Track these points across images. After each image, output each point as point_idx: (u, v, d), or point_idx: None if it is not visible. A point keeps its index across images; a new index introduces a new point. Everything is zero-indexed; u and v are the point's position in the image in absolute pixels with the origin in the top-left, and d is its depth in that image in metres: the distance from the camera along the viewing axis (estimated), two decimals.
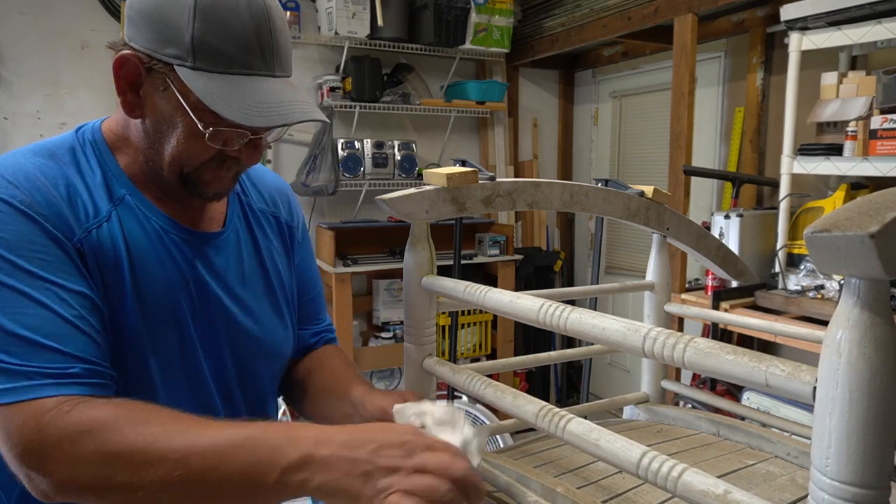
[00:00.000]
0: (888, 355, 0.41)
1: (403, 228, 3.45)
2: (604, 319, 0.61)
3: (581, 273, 4.29)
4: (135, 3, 0.79)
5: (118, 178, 0.84)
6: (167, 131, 0.81)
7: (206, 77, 0.77)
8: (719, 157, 3.18)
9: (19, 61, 2.94)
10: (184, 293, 0.86)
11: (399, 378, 3.50)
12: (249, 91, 0.78)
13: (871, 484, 0.42)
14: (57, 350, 0.70)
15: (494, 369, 1.05)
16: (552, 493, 0.77)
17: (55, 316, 0.71)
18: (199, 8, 0.75)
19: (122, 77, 0.80)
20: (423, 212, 0.88)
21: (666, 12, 2.78)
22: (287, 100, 0.80)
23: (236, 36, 0.77)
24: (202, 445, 0.65)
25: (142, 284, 0.81)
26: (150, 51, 0.78)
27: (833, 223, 0.41)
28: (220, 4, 0.76)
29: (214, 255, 0.91)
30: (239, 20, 0.77)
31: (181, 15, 0.75)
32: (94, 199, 0.81)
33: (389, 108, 3.43)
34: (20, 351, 0.69)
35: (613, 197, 1.06)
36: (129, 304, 0.80)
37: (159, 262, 0.84)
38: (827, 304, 2.13)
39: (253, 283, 0.95)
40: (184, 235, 0.87)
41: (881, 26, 1.99)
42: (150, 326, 0.82)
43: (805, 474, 0.92)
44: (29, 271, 0.72)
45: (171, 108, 0.80)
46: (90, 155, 0.84)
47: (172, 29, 0.76)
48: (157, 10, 0.77)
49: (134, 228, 0.82)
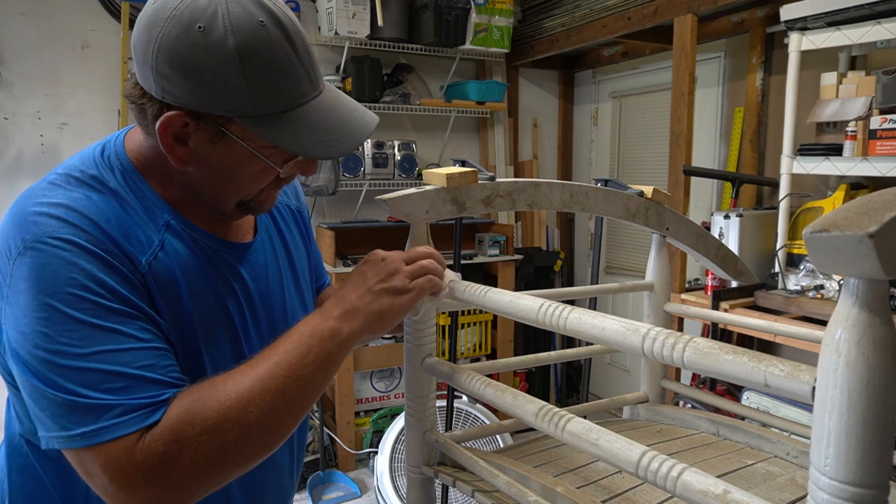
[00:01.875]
0: (887, 355, 0.41)
1: (403, 228, 3.45)
2: (603, 319, 0.61)
3: (581, 273, 4.29)
4: (165, 60, 0.73)
5: (157, 204, 0.83)
6: (228, 174, 0.81)
7: (270, 121, 0.76)
8: (719, 157, 3.18)
9: (19, 61, 2.94)
10: (231, 300, 0.88)
11: (399, 378, 3.50)
12: (315, 120, 0.78)
13: (870, 483, 0.42)
14: (152, 380, 0.72)
15: (494, 369, 1.05)
16: (552, 492, 0.77)
17: (142, 347, 0.72)
18: (242, 54, 0.72)
19: (169, 136, 0.77)
20: (423, 212, 0.88)
21: (666, 12, 2.78)
22: (345, 115, 0.81)
23: (284, 70, 0.75)
24: (267, 369, 0.74)
25: (196, 300, 0.83)
26: (197, 107, 0.75)
27: (832, 223, 0.41)
28: (258, 42, 0.73)
29: (253, 262, 0.93)
30: (281, 51, 0.75)
31: (225, 66, 0.72)
32: (144, 229, 0.80)
33: (389, 109, 3.44)
34: (121, 387, 0.70)
35: (613, 197, 1.06)
36: (187, 319, 0.82)
37: (207, 277, 0.85)
38: (826, 304, 2.13)
39: (285, 281, 0.99)
40: (226, 249, 0.89)
41: (881, 26, 1.99)
42: (205, 335, 0.84)
43: (804, 474, 0.92)
44: (111, 308, 0.72)
45: (232, 155, 0.79)
46: (125, 183, 0.82)
47: (221, 82, 0.73)
48: (196, 66, 0.72)
49: (182, 251, 0.83)
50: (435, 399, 0.95)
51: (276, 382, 0.74)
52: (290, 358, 0.75)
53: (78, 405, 0.68)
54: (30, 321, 0.70)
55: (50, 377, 0.69)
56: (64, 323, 0.69)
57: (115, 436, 0.68)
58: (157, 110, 0.76)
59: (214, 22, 0.72)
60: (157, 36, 0.72)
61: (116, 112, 3.08)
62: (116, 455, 0.68)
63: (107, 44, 3.07)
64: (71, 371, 0.69)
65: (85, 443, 0.68)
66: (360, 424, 3.38)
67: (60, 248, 0.72)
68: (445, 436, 0.91)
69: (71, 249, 0.72)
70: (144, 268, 0.77)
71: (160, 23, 0.72)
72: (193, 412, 0.71)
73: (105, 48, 3.08)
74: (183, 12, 0.72)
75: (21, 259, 0.72)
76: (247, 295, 0.90)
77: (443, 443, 0.90)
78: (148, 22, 0.74)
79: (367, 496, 3.07)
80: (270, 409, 0.73)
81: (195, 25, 0.71)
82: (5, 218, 0.77)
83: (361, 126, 0.83)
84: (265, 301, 0.93)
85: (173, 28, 0.72)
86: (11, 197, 2.94)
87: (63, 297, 0.70)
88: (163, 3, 0.73)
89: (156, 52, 0.73)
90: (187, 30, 0.72)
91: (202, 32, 0.71)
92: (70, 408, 0.68)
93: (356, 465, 3.35)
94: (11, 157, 2.97)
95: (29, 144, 2.99)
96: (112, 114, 3.10)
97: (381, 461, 2.87)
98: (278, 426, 0.75)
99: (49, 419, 0.70)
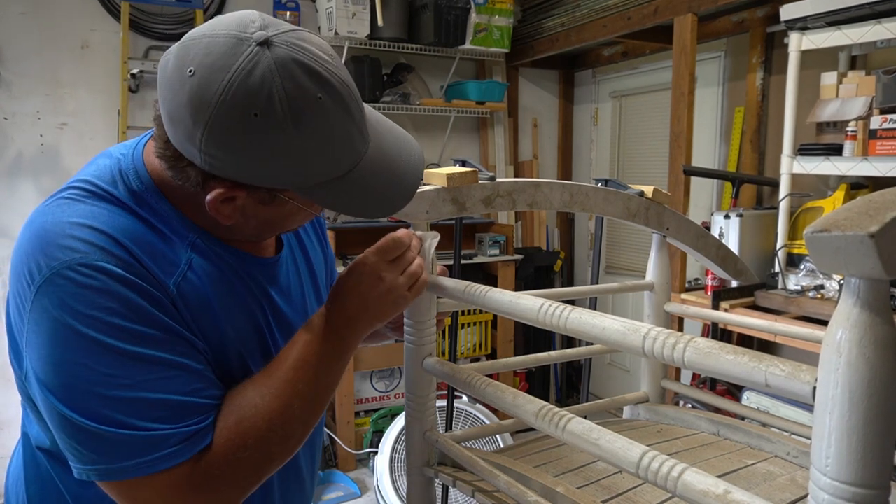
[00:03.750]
0: (888, 355, 0.41)
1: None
2: (604, 319, 0.61)
3: (581, 273, 4.29)
4: (216, 144, 0.67)
5: (182, 224, 0.79)
6: (273, 224, 0.81)
7: (329, 187, 0.73)
8: (719, 157, 3.18)
9: (19, 61, 2.93)
10: (259, 315, 0.87)
11: (399, 378, 3.50)
12: (366, 178, 0.75)
13: (871, 484, 0.42)
14: (198, 405, 0.72)
15: (494, 369, 1.05)
16: (552, 492, 0.77)
17: (184, 372, 0.72)
18: (302, 137, 0.67)
19: (217, 201, 0.73)
20: (423, 212, 0.88)
21: (666, 12, 2.78)
22: (392, 162, 0.79)
23: (342, 140, 0.71)
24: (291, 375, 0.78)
25: (229, 317, 0.82)
26: (250, 181, 0.71)
27: (833, 223, 0.41)
28: (318, 121, 0.68)
29: (278, 276, 0.92)
30: (338, 123, 0.70)
31: (284, 149, 0.68)
32: (171, 247, 0.77)
33: (389, 108, 3.43)
34: (169, 415, 0.70)
35: (613, 197, 1.06)
36: (223, 336, 0.81)
37: (236, 293, 0.84)
38: (827, 303, 2.13)
39: (306, 291, 0.99)
40: (253, 265, 0.87)
41: (881, 26, 1.99)
42: (243, 348, 0.84)
43: (805, 474, 0.92)
44: (149, 335, 0.70)
45: (281, 212, 0.78)
46: (148, 201, 0.78)
47: (278, 162, 0.69)
48: (252, 151, 0.67)
49: (210, 269, 0.80)
50: (435, 399, 0.95)
51: (309, 391, 0.79)
52: (316, 368, 0.80)
53: (127, 437, 0.67)
54: (64, 352, 0.67)
55: (92, 408, 0.67)
56: (104, 353, 0.67)
57: (172, 464, 0.69)
58: (202, 177, 0.72)
59: (271, 107, 0.65)
60: (206, 122, 0.66)
61: (116, 112, 3.08)
62: (175, 482, 0.69)
63: (107, 44, 3.07)
64: (117, 401, 0.67)
65: (139, 473, 0.68)
66: (360, 424, 3.38)
67: (91, 277, 0.68)
68: (445, 436, 0.91)
69: (101, 278, 0.69)
70: (173, 290, 0.75)
71: (207, 107, 0.65)
72: (245, 434, 0.73)
73: (105, 48, 3.07)
74: (234, 96, 0.65)
75: (48, 287, 0.68)
76: (273, 308, 0.89)
77: (443, 443, 0.90)
78: (190, 102, 0.66)
79: (367, 496, 3.07)
80: (306, 417, 0.79)
81: (250, 112, 0.65)
82: (24, 238, 0.73)
83: (414, 178, 0.81)
84: (291, 314, 0.93)
85: (224, 115, 0.65)
86: (11, 197, 2.95)
87: (100, 327, 0.67)
88: (205, 80, 0.65)
89: (205, 137, 0.67)
90: (241, 117, 0.65)
91: (259, 119, 0.65)
92: (117, 440, 0.67)
93: (356, 465, 3.35)
94: (11, 157, 2.96)
95: (29, 144, 2.99)
96: (112, 114, 3.10)
97: (381, 461, 2.87)
98: (308, 427, 0.81)
99: (88, 452, 0.68)
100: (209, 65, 0.65)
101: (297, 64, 0.67)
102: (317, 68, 0.68)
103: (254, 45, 0.66)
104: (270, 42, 0.67)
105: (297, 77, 0.67)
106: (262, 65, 0.65)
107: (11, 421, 3.00)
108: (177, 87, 0.67)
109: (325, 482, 3.15)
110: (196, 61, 0.66)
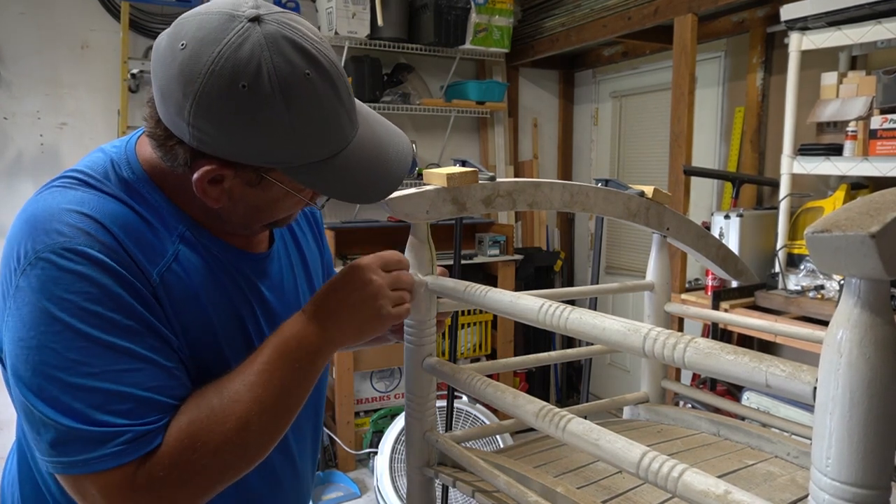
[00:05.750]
0: (889, 355, 0.41)
1: (403, 228, 3.45)
2: (604, 319, 0.61)
3: (581, 273, 4.29)
4: (204, 116, 0.68)
5: (173, 214, 0.80)
6: (261, 209, 0.80)
7: (312, 169, 0.73)
8: (719, 157, 3.18)
9: (19, 61, 2.93)
10: (247, 309, 0.86)
11: (399, 378, 3.50)
12: (354, 162, 0.76)
13: (871, 484, 0.42)
14: (158, 403, 0.70)
15: (494, 369, 1.05)
16: (552, 493, 0.77)
17: (151, 367, 0.71)
18: (290, 112, 0.68)
19: (203, 182, 0.73)
20: (424, 212, 0.88)
21: (666, 12, 2.78)
22: (382, 150, 0.79)
23: (329, 120, 0.72)
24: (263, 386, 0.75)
25: (216, 311, 0.82)
26: (237, 159, 0.72)
27: (833, 223, 0.41)
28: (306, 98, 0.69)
29: (269, 272, 0.91)
30: (327, 103, 0.71)
31: (272, 124, 0.68)
32: (159, 237, 0.77)
33: (389, 108, 3.43)
34: (127, 409, 0.68)
35: (613, 197, 1.06)
36: (207, 329, 0.80)
37: (223, 288, 0.83)
38: (827, 304, 2.13)
39: (300, 288, 0.98)
40: (243, 260, 0.87)
41: (881, 26, 1.99)
42: (227, 344, 0.83)
43: (805, 474, 0.92)
44: (123, 325, 0.70)
45: (269, 195, 0.78)
46: (139, 191, 0.78)
47: (265, 139, 0.69)
48: (240, 124, 0.68)
49: (197, 262, 0.80)
50: (435, 399, 0.95)
51: (273, 399, 0.75)
52: (282, 373, 0.76)
53: (79, 432, 0.66)
54: (36, 335, 0.67)
55: (53, 395, 0.66)
56: (74, 339, 0.67)
57: (115, 464, 0.67)
58: (190, 155, 0.73)
59: (259, 79, 0.66)
60: (195, 92, 0.67)
61: (116, 112, 3.08)
62: (118, 482, 0.67)
63: (107, 44, 3.07)
64: (78, 389, 0.66)
65: (85, 470, 0.67)
66: (359, 424, 3.38)
67: (73, 262, 0.68)
68: (445, 436, 0.91)
69: (84, 263, 0.69)
70: (156, 280, 0.75)
71: (197, 77, 0.66)
72: (194, 436, 0.70)
73: (105, 48, 3.08)
74: (223, 67, 0.66)
75: (31, 270, 0.68)
76: (263, 305, 0.88)
77: (443, 443, 0.90)
78: (181, 73, 0.67)
79: (367, 496, 3.07)
80: (266, 426, 0.75)
81: (238, 84, 0.66)
82: (15, 226, 0.73)
83: (403, 164, 0.81)
84: (282, 310, 0.92)
85: (213, 86, 0.66)
86: (11, 197, 2.95)
87: (75, 312, 0.67)
88: (195, 52, 0.67)
89: (193, 109, 0.68)
90: (230, 88, 0.66)
91: (246, 91, 0.66)
92: (71, 434, 0.66)
93: (356, 465, 3.35)
94: (11, 157, 2.96)
95: (28, 144, 2.99)
96: (112, 114, 3.10)
97: (381, 461, 2.87)
98: (272, 440, 0.77)
99: (45, 443, 0.67)
100: (200, 38, 0.67)
101: (287, 40, 0.69)
102: (306, 45, 0.70)
103: (245, 21, 0.68)
104: (261, 19, 0.69)
105: (286, 52, 0.68)
106: (251, 39, 0.67)
107: (11, 421, 2.99)
108: (168, 60, 0.69)
109: (324, 482, 3.15)
110: (188, 36, 0.68)
